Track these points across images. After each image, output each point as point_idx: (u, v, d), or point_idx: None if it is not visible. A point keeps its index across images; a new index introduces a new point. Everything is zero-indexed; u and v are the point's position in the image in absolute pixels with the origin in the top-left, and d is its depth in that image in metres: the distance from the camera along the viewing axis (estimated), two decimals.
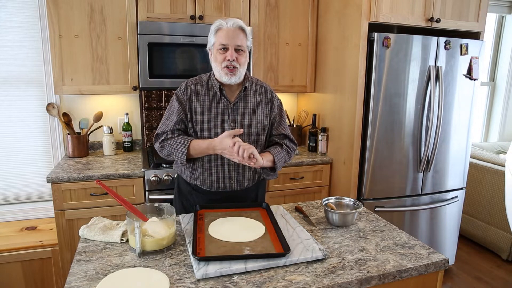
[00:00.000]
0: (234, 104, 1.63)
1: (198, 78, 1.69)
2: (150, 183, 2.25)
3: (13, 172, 2.60)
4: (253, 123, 1.65)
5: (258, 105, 1.68)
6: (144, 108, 2.66)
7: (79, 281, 1.09)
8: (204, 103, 1.62)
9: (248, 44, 1.60)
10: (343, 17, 2.47)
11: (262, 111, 1.68)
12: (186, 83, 1.66)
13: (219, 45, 1.55)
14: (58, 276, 2.28)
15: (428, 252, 1.30)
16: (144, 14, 2.38)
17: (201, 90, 1.63)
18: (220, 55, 1.56)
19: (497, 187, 3.06)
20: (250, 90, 1.67)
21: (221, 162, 1.62)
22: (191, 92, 1.63)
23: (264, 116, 1.69)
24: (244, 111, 1.64)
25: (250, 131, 1.64)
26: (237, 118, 1.63)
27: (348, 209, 1.60)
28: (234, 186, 1.65)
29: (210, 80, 1.65)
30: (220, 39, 1.54)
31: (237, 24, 1.55)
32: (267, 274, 1.13)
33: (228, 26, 1.54)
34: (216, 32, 1.57)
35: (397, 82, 2.36)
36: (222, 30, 1.55)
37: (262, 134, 1.68)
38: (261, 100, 1.69)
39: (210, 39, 1.61)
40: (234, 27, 1.54)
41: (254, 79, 1.72)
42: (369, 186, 2.45)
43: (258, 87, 1.71)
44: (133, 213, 1.29)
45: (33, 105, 2.57)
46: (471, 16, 2.54)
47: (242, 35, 1.56)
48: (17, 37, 2.46)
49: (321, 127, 2.75)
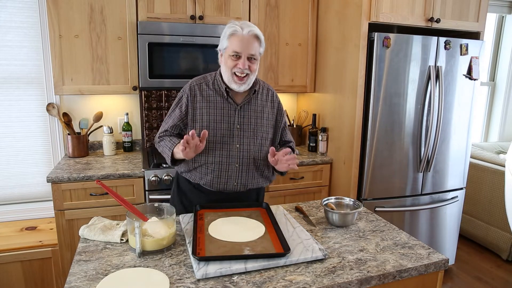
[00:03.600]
0: (241, 106, 1.62)
1: (202, 78, 1.66)
2: (150, 183, 2.25)
3: (13, 172, 2.60)
4: (259, 127, 1.65)
5: (264, 108, 1.68)
6: (144, 108, 2.66)
7: (79, 281, 1.09)
8: (210, 104, 1.59)
9: (261, 51, 1.57)
10: (343, 17, 2.47)
11: (268, 115, 1.69)
12: (190, 84, 1.64)
13: (232, 51, 1.50)
14: (58, 276, 2.28)
15: (428, 252, 1.30)
16: (144, 14, 2.38)
17: (207, 90, 1.61)
18: (232, 62, 1.52)
19: (497, 187, 3.06)
20: (257, 93, 1.67)
21: (226, 164, 1.61)
22: (195, 94, 1.61)
23: (270, 121, 1.69)
24: (251, 114, 1.64)
25: (256, 135, 1.64)
26: (244, 121, 1.62)
27: (348, 209, 1.60)
28: (236, 188, 1.65)
29: (216, 81, 1.63)
30: (234, 45, 1.50)
31: (253, 32, 1.50)
32: (267, 274, 1.13)
33: (244, 34, 1.49)
34: (230, 37, 1.51)
35: (397, 82, 2.36)
36: (236, 36, 1.50)
37: (267, 139, 1.68)
38: (267, 104, 1.69)
39: (222, 42, 1.55)
40: (249, 35, 1.50)
41: (260, 82, 1.71)
42: (369, 186, 2.45)
43: (264, 90, 1.70)
44: (133, 213, 1.29)
45: (33, 105, 2.57)
46: (471, 16, 2.54)
47: (256, 43, 1.52)
48: (17, 37, 2.46)
49: (321, 127, 2.75)
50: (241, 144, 1.61)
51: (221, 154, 1.60)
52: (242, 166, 1.62)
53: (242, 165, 1.62)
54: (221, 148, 1.60)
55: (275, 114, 1.72)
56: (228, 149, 1.60)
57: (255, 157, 1.64)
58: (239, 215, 1.50)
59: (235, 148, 1.61)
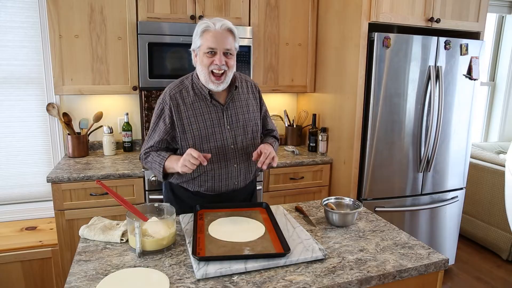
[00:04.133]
0: (226, 106, 1.59)
1: (179, 83, 1.59)
2: (150, 183, 2.25)
3: (13, 172, 2.60)
4: (248, 121, 1.63)
5: (248, 101, 1.66)
6: (144, 108, 2.66)
7: (79, 281, 1.09)
8: (195, 111, 1.54)
9: (236, 46, 1.53)
10: (343, 17, 2.47)
11: (253, 107, 1.67)
12: (169, 93, 1.55)
13: (207, 48, 1.46)
14: (58, 276, 2.28)
15: (428, 252, 1.30)
16: (144, 14, 2.38)
17: (188, 97, 1.55)
18: (207, 59, 1.47)
19: (497, 187, 3.06)
20: (238, 88, 1.64)
21: (224, 167, 1.59)
22: (177, 103, 1.54)
23: (256, 113, 1.68)
24: (238, 111, 1.62)
25: (247, 130, 1.63)
26: (232, 120, 1.60)
27: (348, 209, 1.60)
28: (237, 186, 1.65)
29: (195, 84, 1.57)
30: (208, 42, 1.45)
31: (226, 26, 1.47)
32: (267, 274, 1.13)
33: (216, 28, 1.45)
34: (203, 34, 1.47)
35: (397, 82, 2.36)
36: (209, 32, 1.45)
37: (257, 131, 1.68)
38: (249, 96, 1.67)
39: (195, 41, 1.50)
40: (223, 30, 1.46)
41: (237, 75, 1.66)
42: (369, 186, 2.45)
43: (243, 83, 1.68)
44: (133, 213, 1.29)
45: (33, 105, 2.57)
46: (471, 16, 2.54)
47: (231, 37, 1.48)
48: (17, 37, 2.46)
49: (321, 127, 2.75)
50: (235, 144, 1.60)
51: (219, 159, 1.58)
52: (240, 164, 1.62)
53: (240, 163, 1.62)
54: (217, 153, 1.57)
55: (259, 104, 1.71)
56: (224, 152, 1.58)
57: (251, 151, 1.61)
58: (239, 215, 1.50)
59: (230, 150, 1.59)
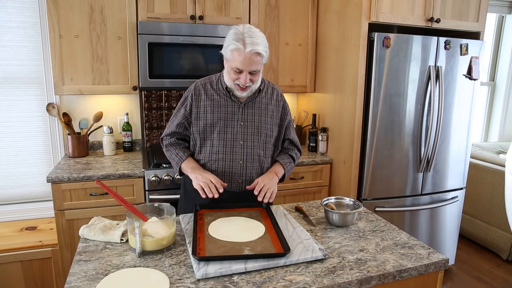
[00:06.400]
0: (245, 104, 1.64)
1: (207, 78, 1.71)
2: (150, 183, 2.25)
3: (13, 172, 2.60)
4: (263, 124, 1.67)
5: (269, 107, 1.70)
6: (144, 108, 2.66)
7: (79, 281, 1.09)
8: (214, 101, 1.63)
9: (264, 60, 1.56)
10: (343, 17, 2.47)
11: (272, 113, 1.71)
12: (195, 84, 1.68)
13: (234, 67, 1.51)
14: (58, 276, 2.28)
15: (428, 252, 1.30)
16: (144, 14, 2.38)
17: (211, 90, 1.66)
18: (234, 74, 1.54)
19: (497, 187, 3.06)
20: (262, 91, 1.68)
21: (229, 160, 1.64)
22: (199, 93, 1.65)
23: (274, 119, 1.71)
24: (255, 111, 1.66)
25: (260, 132, 1.66)
26: (248, 118, 1.65)
27: (348, 209, 1.60)
28: (241, 185, 1.67)
29: (220, 81, 1.66)
30: (235, 62, 1.50)
31: (255, 51, 1.48)
32: (267, 274, 1.13)
33: (246, 52, 1.47)
34: (233, 51, 1.49)
35: (397, 82, 2.36)
36: (239, 53, 1.48)
37: (271, 137, 1.71)
38: (271, 102, 1.71)
39: (226, 51, 1.54)
40: (252, 54, 1.48)
41: (266, 81, 1.74)
42: (369, 186, 2.45)
43: (269, 89, 1.73)
44: (133, 213, 1.29)
45: (33, 105, 2.57)
46: (471, 16, 2.54)
47: (259, 58, 1.51)
48: (17, 37, 2.46)
49: (321, 127, 2.75)
50: (245, 141, 1.64)
51: (225, 151, 1.63)
52: (246, 162, 1.65)
53: (246, 161, 1.65)
54: (225, 145, 1.63)
55: (280, 113, 1.74)
56: (232, 146, 1.63)
57: (259, 154, 1.67)
58: (239, 215, 1.50)
59: (238, 145, 1.64)
